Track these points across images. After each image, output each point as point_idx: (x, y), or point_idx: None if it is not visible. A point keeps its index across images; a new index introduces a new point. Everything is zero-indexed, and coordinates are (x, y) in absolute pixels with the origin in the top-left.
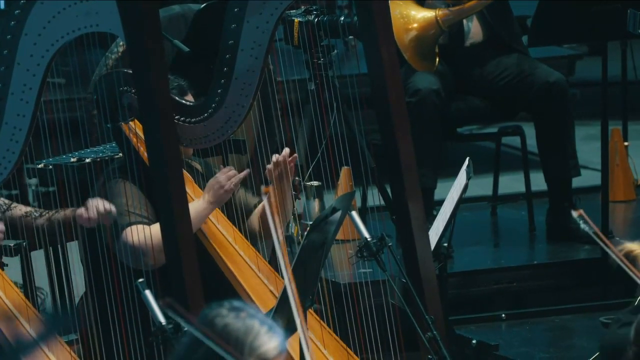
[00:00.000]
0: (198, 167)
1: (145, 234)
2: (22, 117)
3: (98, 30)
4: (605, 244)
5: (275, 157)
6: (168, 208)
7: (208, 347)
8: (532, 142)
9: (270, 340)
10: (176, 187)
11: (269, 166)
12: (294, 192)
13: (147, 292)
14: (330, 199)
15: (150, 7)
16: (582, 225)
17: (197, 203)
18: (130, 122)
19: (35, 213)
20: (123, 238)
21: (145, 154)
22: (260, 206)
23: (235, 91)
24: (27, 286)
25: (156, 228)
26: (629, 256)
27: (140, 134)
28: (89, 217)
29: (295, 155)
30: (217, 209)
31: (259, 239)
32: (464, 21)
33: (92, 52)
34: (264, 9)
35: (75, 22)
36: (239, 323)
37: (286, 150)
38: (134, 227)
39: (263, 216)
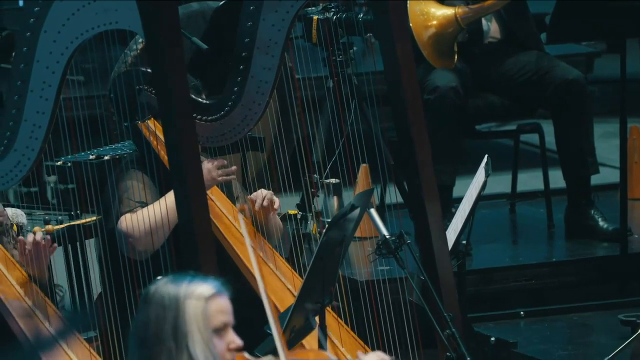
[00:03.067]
0: None
1: (133, 219)
2: (41, 115)
3: (117, 28)
4: None
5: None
6: (186, 206)
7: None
8: (550, 140)
9: (204, 283)
10: (194, 184)
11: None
12: (312, 190)
13: None
14: (348, 197)
15: (169, 4)
16: None
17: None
18: (148, 121)
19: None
20: (117, 227)
21: (163, 152)
22: (251, 196)
23: (252, 89)
24: (47, 283)
25: (143, 213)
26: None
27: (159, 132)
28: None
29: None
30: (234, 207)
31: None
32: (483, 20)
33: (112, 49)
34: (279, 7)
35: (95, 19)
36: (169, 285)
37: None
38: (127, 215)
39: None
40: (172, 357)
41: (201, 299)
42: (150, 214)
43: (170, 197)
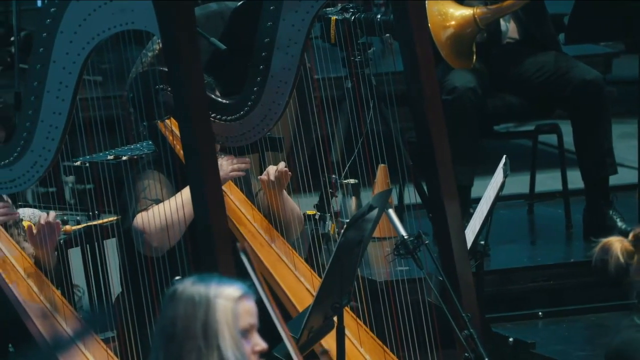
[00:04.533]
0: None
1: (147, 216)
2: (58, 115)
3: (133, 28)
4: None
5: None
6: (203, 205)
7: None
8: (568, 140)
9: (231, 284)
10: (212, 185)
11: (262, 177)
12: (330, 190)
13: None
14: (367, 197)
15: (185, 4)
16: None
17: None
18: (167, 120)
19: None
20: (133, 225)
21: (181, 152)
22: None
23: (271, 89)
24: (64, 284)
25: (157, 210)
26: (604, 248)
27: (177, 132)
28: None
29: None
30: (253, 206)
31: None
32: (501, 20)
33: (128, 49)
34: (299, 7)
35: (111, 19)
36: (197, 284)
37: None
38: (143, 213)
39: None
40: (202, 355)
41: (230, 299)
42: (164, 210)
43: (184, 193)
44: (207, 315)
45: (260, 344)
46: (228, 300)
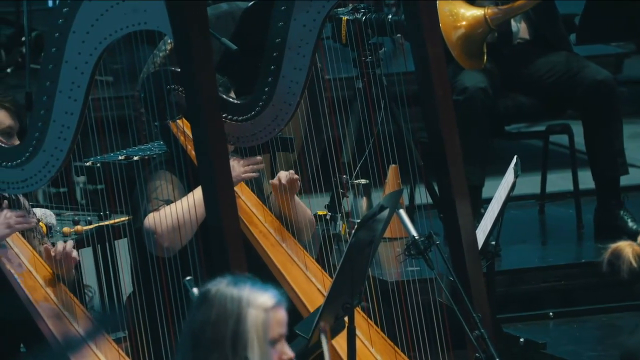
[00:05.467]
0: None
1: (159, 216)
2: (70, 115)
3: (146, 28)
4: None
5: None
6: (215, 205)
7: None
8: (580, 140)
9: (265, 292)
10: (224, 185)
11: (274, 181)
12: (341, 190)
13: (195, 290)
14: (377, 197)
15: (198, 4)
16: None
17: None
18: (178, 121)
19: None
20: (144, 225)
21: (193, 152)
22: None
23: (283, 89)
24: (75, 284)
25: (168, 210)
26: (615, 253)
27: (188, 132)
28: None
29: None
30: (264, 207)
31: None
32: (512, 21)
33: (140, 49)
34: (310, 7)
35: (123, 20)
36: (231, 288)
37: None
38: (155, 213)
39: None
40: None
41: (262, 309)
42: (174, 211)
43: (196, 193)
44: (238, 325)
45: (288, 353)
46: (260, 310)
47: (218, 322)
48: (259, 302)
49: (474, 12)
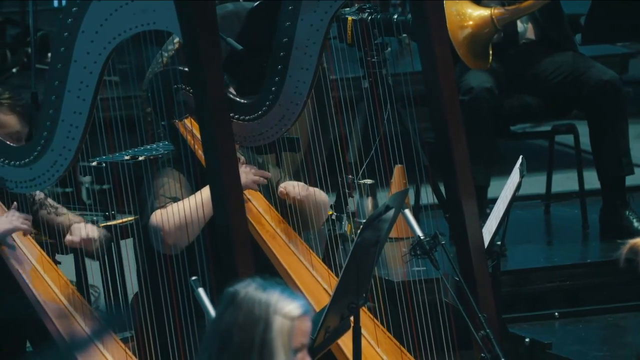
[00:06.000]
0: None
1: (167, 213)
2: (78, 115)
3: (155, 28)
4: None
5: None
6: (223, 205)
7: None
8: (585, 141)
9: (293, 300)
10: (232, 184)
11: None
12: (347, 190)
13: (201, 290)
14: (383, 197)
15: (207, 4)
16: None
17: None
18: (185, 120)
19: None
20: (150, 222)
21: (200, 151)
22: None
23: (290, 89)
24: (82, 284)
25: (175, 208)
26: (633, 249)
27: (196, 131)
28: (73, 241)
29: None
30: (271, 207)
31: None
32: (519, 22)
33: (149, 49)
34: (318, 7)
35: (132, 20)
36: (260, 292)
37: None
38: (162, 210)
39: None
40: None
41: (289, 317)
42: (181, 208)
43: (203, 191)
44: (265, 333)
45: None
46: (287, 319)
47: (245, 327)
48: (286, 310)
49: (481, 12)
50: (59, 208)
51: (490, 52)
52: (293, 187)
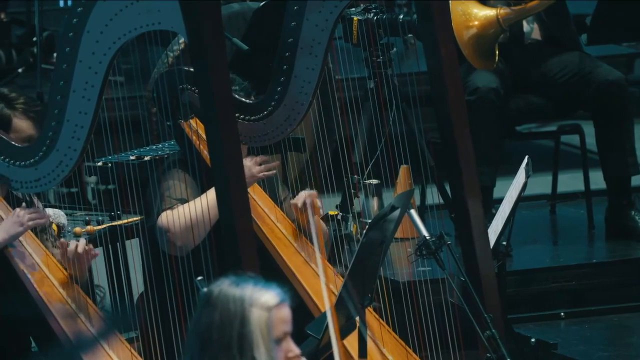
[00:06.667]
0: None
1: (173, 215)
2: (84, 115)
3: (160, 29)
4: None
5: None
6: (228, 206)
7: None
8: (591, 141)
9: (267, 291)
10: (237, 184)
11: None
12: (352, 190)
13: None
14: (389, 197)
15: (212, 4)
16: None
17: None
18: (191, 120)
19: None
20: (157, 224)
21: (206, 151)
22: (294, 200)
23: (295, 89)
24: (88, 285)
25: (182, 209)
26: None
27: (201, 132)
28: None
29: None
30: (277, 208)
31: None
32: (525, 22)
33: (155, 49)
34: (323, 7)
35: (137, 20)
36: (233, 288)
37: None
38: (168, 211)
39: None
40: None
41: (266, 308)
42: (189, 210)
43: (210, 193)
44: (242, 327)
45: (294, 350)
46: (263, 310)
47: (223, 325)
48: (262, 301)
49: (487, 12)
50: (57, 240)
51: (497, 52)
52: (300, 198)
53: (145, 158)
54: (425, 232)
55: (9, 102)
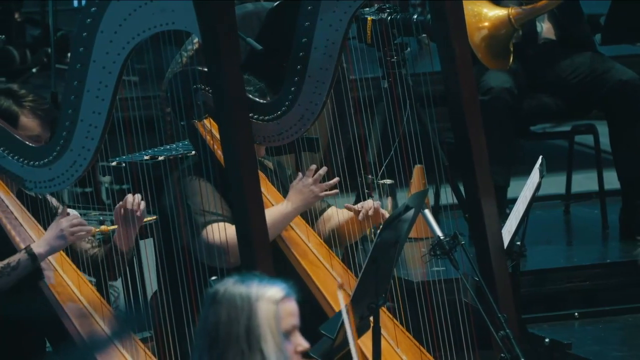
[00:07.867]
0: (270, 165)
1: (227, 232)
2: (97, 115)
3: (174, 28)
4: None
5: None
6: (243, 206)
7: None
8: (605, 141)
9: (273, 285)
10: (251, 185)
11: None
12: (366, 190)
13: None
14: (403, 197)
15: (226, 4)
16: None
17: (284, 207)
18: (205, 120)
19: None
20: (203, 236)
21: (220, 152)
22: (329, 211)
23: (309, 89)
24: (101, 283)
25: (233, 227)
26: None
27: (215, 132)
28: (125, 212)
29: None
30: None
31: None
32: (537, 21)
33: (169, 49)
34: (337, 7)
35: (151, 20)
36: (239, 286)
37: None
38: (214, 225)
39: (333, 222)
40: (245, 358)
41: (272, 301)
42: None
43: (270, 212)
44: (250, 320)
45: (302, 343)
46: (270, 303)
47: (230, 321)
48: (268, 295)
49: (498, 12)
50: (94, 241)
51: (512, 51)
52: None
53: (159, 158)
54: (439, 232)
55: (18, 99)
